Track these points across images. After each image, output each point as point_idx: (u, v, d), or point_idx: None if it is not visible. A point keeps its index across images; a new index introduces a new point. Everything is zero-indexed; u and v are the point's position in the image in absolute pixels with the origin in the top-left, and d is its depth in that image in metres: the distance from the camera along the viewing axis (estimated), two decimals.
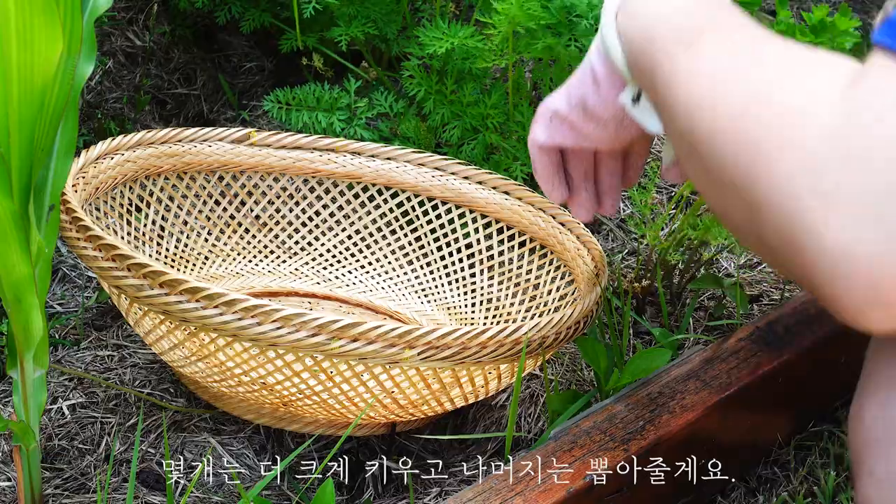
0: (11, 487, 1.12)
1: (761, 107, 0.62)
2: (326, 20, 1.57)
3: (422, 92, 1.43)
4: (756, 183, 0.61)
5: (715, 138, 0.65)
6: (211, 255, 1.37)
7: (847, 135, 0.57)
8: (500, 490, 1.00)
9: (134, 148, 1.27)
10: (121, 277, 1.01)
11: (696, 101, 0.68)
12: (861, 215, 0.56)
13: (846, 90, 0.59)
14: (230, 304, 0.97)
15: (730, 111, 0.64)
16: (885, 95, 0.57)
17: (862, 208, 0.56)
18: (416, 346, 0.98)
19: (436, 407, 1.12)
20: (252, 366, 1.05)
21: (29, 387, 0.99)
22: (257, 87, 1.79)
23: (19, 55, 0.84)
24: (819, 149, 0.58)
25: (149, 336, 1.11)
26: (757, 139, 0.61)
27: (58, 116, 0.91)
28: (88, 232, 1.04)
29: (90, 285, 1.40)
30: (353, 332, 0.96)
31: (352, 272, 1.41)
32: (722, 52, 0.70)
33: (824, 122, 0.58)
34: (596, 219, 1.52)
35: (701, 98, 0.68)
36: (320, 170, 1.37)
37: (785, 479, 1.20)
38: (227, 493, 1.14)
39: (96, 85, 1.66)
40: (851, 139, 0.57)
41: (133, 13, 1.76)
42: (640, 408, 1.10)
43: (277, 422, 1.17)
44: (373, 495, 1.16)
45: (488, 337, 1.00)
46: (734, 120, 0.63)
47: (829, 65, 0.63)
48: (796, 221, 0.58)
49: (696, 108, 0.68)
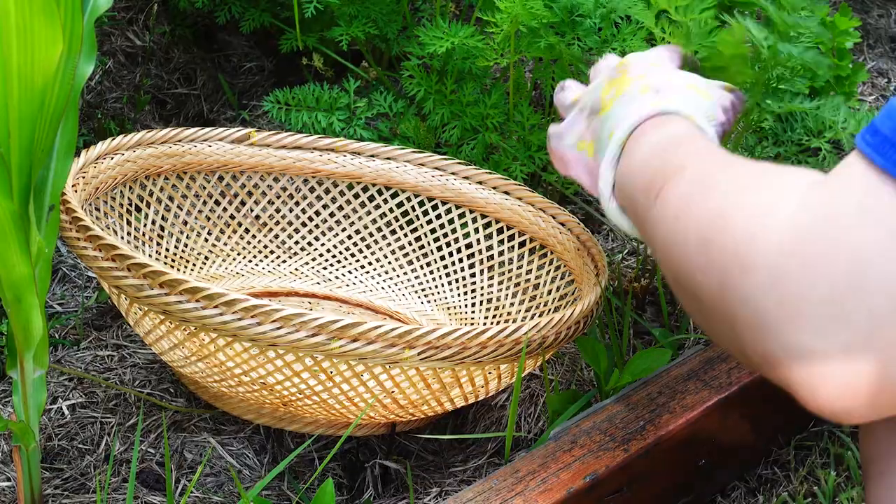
0: (11, 487, 1.12)
1: (720, 234, 0.64)
2: (327, 20, 1.57)
3: (421, 91, 1.43)
4: (729, 305, 0.62)
5: (691, 274, 0.67)
6: (211, 256, 1.37)
7: (801, 251, 0.59)
8: (500, 490, 1.00)
9: (134, 148, 1.27)
10: (121, 277, 1.01)
11: (669, 243, 0.71)
12: (823, 324, 0.57)
13: (804, 199, 0.61)
14: (230, 304, 0.97)
15: (695, 245, 0.67)
16: (839, 204, 0.59)
17: (823, 318, 0.57)
18: (415, 347, 0.98)
19: (436, 407, 1.12)
20: (252, 366, 1.05)
21: (29, 387, 0.99)
22: (257, 86, 1.79)
23: (19, 55, 0.83)
24: (777, 263, 0.59)
25: (149, 336, 1.11)
26: (722, 266, 0.63)
27: (58, 116, 0.91)
28: (88, 232, 1.04)
29: (90, 285, 1.40)
30: (352, 332, 0.96)
31: (352, 272, 1.41)
32: (680, 193, 0.73)
33: (781, 238, 0.60)
34: (596, 219, 1.52)
35: (671, 239, 0.71)
36: (320, 170, 1.37)
37: (785, 479, 1.20)
38: (227, 493, 1.14)
39: (96, 85, 1.66)
40: (807, 250, 0.58)
41: (133, 13, 1.76)
42: (640, 408, 1.10)
43: (277, 422, 1.17)
44: (373, 495, 1.16)
45: (488, 337, 1.00)
46: (700, 253, 0.66)
47: (784, 178, 0.65)
48: (770, 338, 0.60)
49: (671, 247, 0.71)
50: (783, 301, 0.59)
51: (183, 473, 1.16)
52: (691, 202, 0.70)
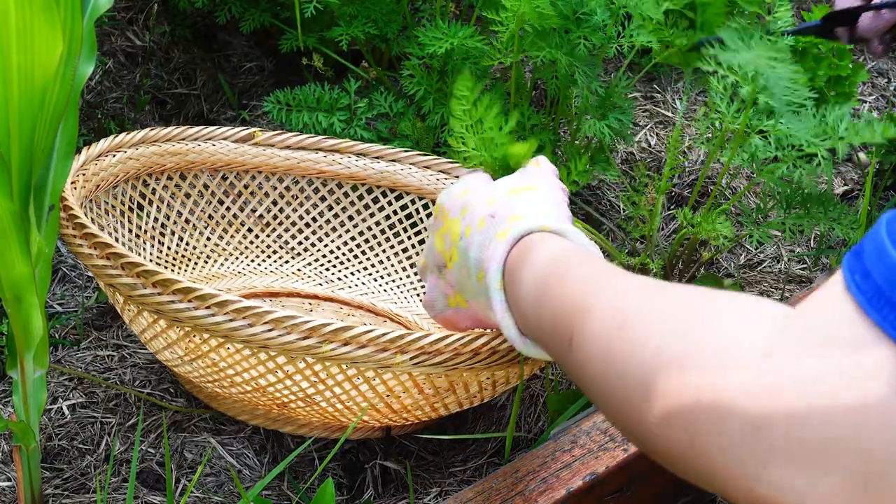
0: (11, 487, 1.12)
1: (677, 384, 0.58)
2: (327, 20, 1.57)
3: (422, 91, 1.43)
4: (704, 453, 0.58)
5: (642, 422, 0.61)
6: (213, 255, 1.37)
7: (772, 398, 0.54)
8: (501, 490, 1.00)
9: (137, 146, 1.27)
10: (115, 276, 1.00)
11: (605, 395, 0.65)
12: (800, 474, 0.54)
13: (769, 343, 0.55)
14: (222, 305, 0.96)
15: (641, 395, 0.60)
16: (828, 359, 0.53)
17: (800, 467, 0.54)
18: (407, 351, 0.96)
19: (430, 412, 1.12)
20: (245, 367, 1.05)
21: (29, 387, 0.99)
22: (257, 87, 1.79)
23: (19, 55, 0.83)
24: (749, 416, 0.54)
25: (143, 335, 1.10)
26: (689, 418, 0.57)
27: (58, 116, 0.91)
28: (84, 229, 1.03)
29: (90, 285, 1.40)
30: (344, 335, 0.95)
31: (354, 274, 1.41)
32: (600, 343, 0.66)
33: (748, 389, 0.55)
34: (596, 219, 1.52)
35: (606, 392, 0.65)
36: (324, 170, 1.37)
37: None
38: (227, 493, 1.14)
39: (96, 85, 1.66)
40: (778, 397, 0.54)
41: (133, 13, 1.76)
42: None
43: (272, 423, 1.16)
44: (373, 495, 1.16)
45: (481, 343, 0.97)
46: (651, 404, 0.59)
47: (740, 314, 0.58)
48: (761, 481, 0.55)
49: (608, 398, 0.65)
50: (753, 452, 0.55)
51: (183, 473, 1.16)
52: (621, 351, 0.63)
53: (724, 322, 0.59)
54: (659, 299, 0.64)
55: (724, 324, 0.59)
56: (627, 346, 0.62)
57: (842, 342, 0.53)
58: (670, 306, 0.63)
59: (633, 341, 0.62)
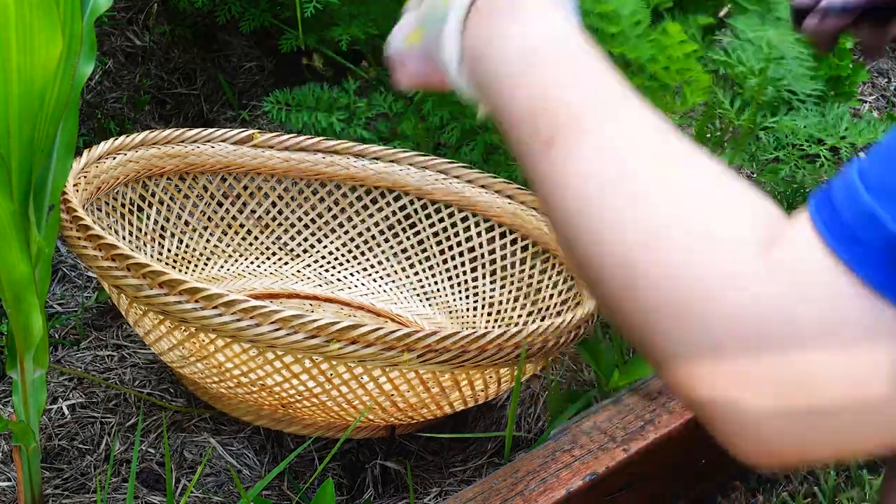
0: (11, 487, 1.12)
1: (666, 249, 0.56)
2: (327, 20, 1.57)
3: (421, 92, 1.43)
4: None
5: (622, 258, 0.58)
6: (213, 256, 1.37)
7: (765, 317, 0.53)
8: (501, 490, 1.00)
9: (137, 148, 1.27)
10: (120, 277, 1.00)
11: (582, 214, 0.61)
12: (767, 397, 0.53)
13: (767, 254, 0.54)
14: (229, 305, 0.96)
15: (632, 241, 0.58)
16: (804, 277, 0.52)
17: (769, 392, 0.53)
18: (414, 349, 0.97)
19: (435, 410, 1.12)
20: (251, 367, 1.05)
21: (29, 387, 0.99)
22: (257, 86, 1.79)
23: (19, 55, 0.83)
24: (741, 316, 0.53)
25: (148, 336, 1.10)
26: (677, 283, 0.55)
27: (58, 116, 0.90)
28: (88, 231, 1.03)
29: (90, 285, 1.40)
30: (351, 334, 0.96)
31: (354, 274, 1.41)
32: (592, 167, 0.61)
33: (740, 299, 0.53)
34: None
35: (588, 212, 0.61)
36: (323, 172, 1.37)
37: (785, 479, 1.20)
38: (227, 493, 1.14)
39: (96, 85, 1.66)
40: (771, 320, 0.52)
41: (133, 13, 1.76)
42: (640, 408, 1.10)
43: (276, 423, 1.16)
44: (373, 495, 1.16)
45: (488, 341, 0.98)
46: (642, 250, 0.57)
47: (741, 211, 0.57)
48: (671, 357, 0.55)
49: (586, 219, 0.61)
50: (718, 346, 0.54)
51: (183, 473, 1.15)
52: (609, 206, 0.60)
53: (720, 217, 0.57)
54: (673, 175, 0.61)
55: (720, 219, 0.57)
56: (618, 200, 0.60)
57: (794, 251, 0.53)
58: (677, 187, 0.60)
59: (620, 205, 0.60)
